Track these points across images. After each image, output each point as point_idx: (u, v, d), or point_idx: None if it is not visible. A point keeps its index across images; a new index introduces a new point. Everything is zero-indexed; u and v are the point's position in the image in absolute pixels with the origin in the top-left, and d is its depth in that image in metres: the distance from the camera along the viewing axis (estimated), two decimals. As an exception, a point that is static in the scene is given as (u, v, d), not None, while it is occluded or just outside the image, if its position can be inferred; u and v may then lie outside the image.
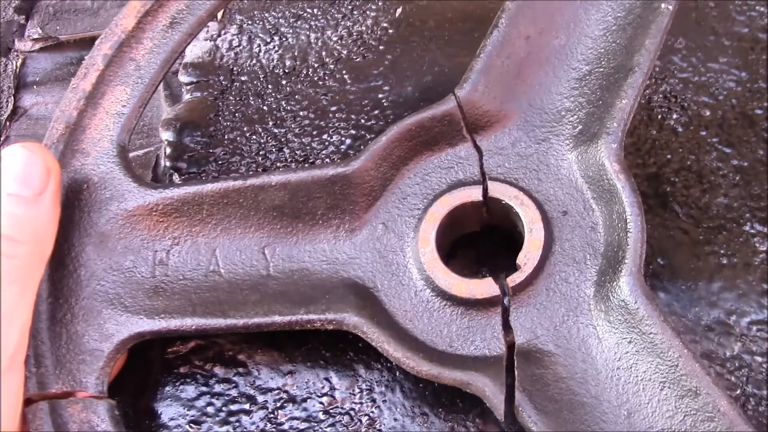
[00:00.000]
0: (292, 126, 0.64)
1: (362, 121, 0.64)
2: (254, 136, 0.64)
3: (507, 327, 0.49)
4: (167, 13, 0.54)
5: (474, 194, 0.52)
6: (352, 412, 0.53)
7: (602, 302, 0.48)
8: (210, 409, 0.53)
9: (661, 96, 0.63)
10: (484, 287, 0.50)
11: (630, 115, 0.50)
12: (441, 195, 0.53)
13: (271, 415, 0.53)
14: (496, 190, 0.52)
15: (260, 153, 0.63)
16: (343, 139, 0.63)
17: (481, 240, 0.57)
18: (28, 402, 0.46)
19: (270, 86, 0.66)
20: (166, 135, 0.64)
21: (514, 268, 0.51)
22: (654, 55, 0.51)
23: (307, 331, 0.55)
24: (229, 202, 0.52)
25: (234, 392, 0.54)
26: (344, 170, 0.52)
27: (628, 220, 0.48)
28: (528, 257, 0.50)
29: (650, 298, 0.46)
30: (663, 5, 0.52)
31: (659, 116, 0.62)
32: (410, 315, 0.50)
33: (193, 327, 0.49)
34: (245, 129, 0.64)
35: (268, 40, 0.68)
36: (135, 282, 0.50)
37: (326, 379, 0.54)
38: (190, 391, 0.54)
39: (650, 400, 0.46)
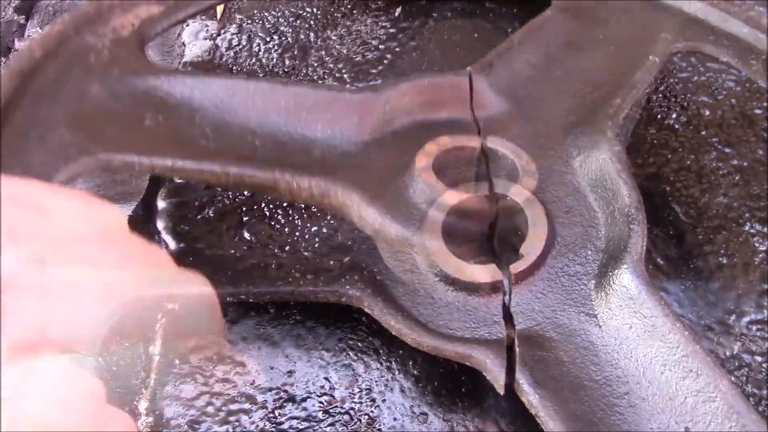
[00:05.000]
0: (292, 125, 0.64)
1: (362, 120, 0.64)
2: (254, 136, 0.63)
3: (508, 314, 0.50)
4: None
5: (482, 189, 0.54)
6: (351, 412, 0.53)
7: (603, 290, 0.49)
8: (209, 409, 0.53)
9: (660, 96, 0.63)
10: (488, 272, 0.50)
11: (632, 125, 0.54)
12: (447, 191, 0.54)
13: (271, 415, 0.53)
14: (505, 188, 0.54)
15: (260, 152, 0.63)
16: (342, 138, 0.63)
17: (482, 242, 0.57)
18: None
19: (270, 86, 0.66)
20: (166, 134, 0.64)
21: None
22: (652, 76, 0.57)
23: (308, 330, 0.55)
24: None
25: (233, 392, 0.54)
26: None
27: (630, 214, 0.50)
28: (531, 247, 0.51)
29: (651, 284, 0.47)
30: (651, 57, 0.58)
31: (659, 116, 0.62)
32: (412, 298, 0.51)
33: (171, 165, 0.50)
34: (245, 128, 0.64)
35: (268, 39, 0.68)
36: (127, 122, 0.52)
37: (326, 378, 0.54)
38: (189, 390, 0.54)
39: (651, 384, 0.46)
